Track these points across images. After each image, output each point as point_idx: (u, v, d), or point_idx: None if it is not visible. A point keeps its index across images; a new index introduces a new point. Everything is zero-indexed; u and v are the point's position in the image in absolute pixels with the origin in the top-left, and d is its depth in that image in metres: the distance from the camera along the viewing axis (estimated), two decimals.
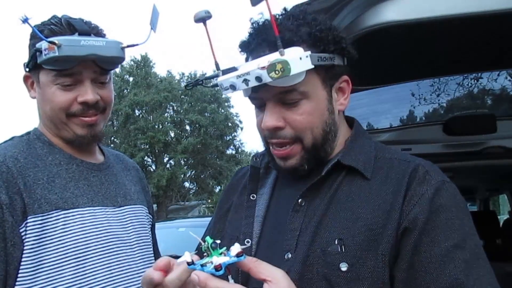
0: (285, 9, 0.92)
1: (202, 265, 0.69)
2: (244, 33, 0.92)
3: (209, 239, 0.71)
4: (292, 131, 0.87)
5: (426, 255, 0.78)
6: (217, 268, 0.67)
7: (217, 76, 0.93)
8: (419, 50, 1.84)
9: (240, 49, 0.93)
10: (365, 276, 0.79)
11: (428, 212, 0.80)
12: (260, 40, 0.87)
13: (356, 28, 1.37)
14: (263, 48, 0.86)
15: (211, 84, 1.04)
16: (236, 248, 0.70)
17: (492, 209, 5.83)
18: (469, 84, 2.73)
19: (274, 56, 0.80)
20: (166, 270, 0.73)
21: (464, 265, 0.77)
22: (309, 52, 0.82)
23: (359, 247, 0.80)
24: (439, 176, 0.85)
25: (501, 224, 4.13)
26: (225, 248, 0.71)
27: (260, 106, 0.90)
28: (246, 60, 0.92)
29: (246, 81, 0.83)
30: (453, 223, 0.80)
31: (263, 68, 0.80)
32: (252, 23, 0.91)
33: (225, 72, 0.91)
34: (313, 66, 0.82)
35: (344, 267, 0.79)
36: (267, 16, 0.89)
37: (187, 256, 0.71)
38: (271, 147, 0.92)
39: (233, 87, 0.85)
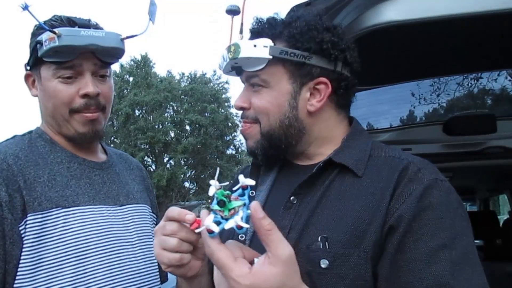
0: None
1: (225, 218, 0.72)
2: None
3: (220, 193, 0.74)
4: (253, 112, 0.95)
5: (410, 253, 0.76)
6: (239, 227, 0.71)
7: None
8: (419, 50, 1.84)
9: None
10: (346, 274, 0.78)
11: (415, 210, 0.78)
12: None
13: (356, 28, 1.37)
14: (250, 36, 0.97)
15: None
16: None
17: (492, 209, 5.82)
18: (469, 84, 2.73)
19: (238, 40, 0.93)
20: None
21: (452, 266, 0.74)
22: (270, 43, 0.89)
23: (342, 244, 0.80)
24: (431, 174, 0.83)
25: (501, 224, 4.13)
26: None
27: None
28: None
29: (222, 61, 0.97)
30: (443, 222, 0.78)
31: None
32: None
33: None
34: (269, 57, 0.89)
35: (324, 264, 0.79)
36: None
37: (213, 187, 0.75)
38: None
39: (220, 67, 1.00)
